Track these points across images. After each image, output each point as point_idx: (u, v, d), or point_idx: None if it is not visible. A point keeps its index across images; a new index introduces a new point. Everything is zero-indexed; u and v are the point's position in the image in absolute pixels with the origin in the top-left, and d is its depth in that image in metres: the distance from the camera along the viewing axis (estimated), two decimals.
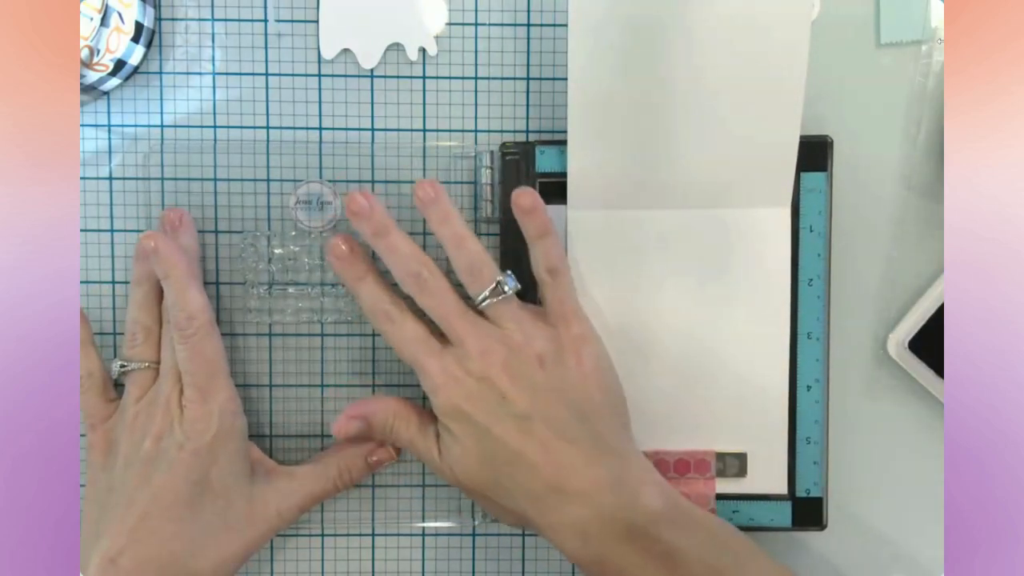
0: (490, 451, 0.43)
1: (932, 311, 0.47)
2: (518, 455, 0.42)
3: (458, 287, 0.45)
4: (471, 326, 0.43)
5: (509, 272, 0.44)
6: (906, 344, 0.48)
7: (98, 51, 0.43)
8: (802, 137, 0.45)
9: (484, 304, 0.44)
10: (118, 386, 0.47)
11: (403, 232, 0.44)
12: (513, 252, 0.47)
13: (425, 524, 0.50)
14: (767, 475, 0.48)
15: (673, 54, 0.44)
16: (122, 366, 0.46)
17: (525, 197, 0.44)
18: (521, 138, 0.48)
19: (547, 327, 0.44)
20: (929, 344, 0.47)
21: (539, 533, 0.44)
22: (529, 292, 0.46)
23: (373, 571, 0.50)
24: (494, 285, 0.43)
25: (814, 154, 0.46)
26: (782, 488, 0.48)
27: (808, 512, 0.48)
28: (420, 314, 0.45)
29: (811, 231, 0.47)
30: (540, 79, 0.48)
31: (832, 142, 0.47)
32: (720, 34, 0.44)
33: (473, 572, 0.50)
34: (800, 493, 0.48)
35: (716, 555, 0.42)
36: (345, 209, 0.45)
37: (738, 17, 0.43)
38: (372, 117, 0.48)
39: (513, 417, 0.42)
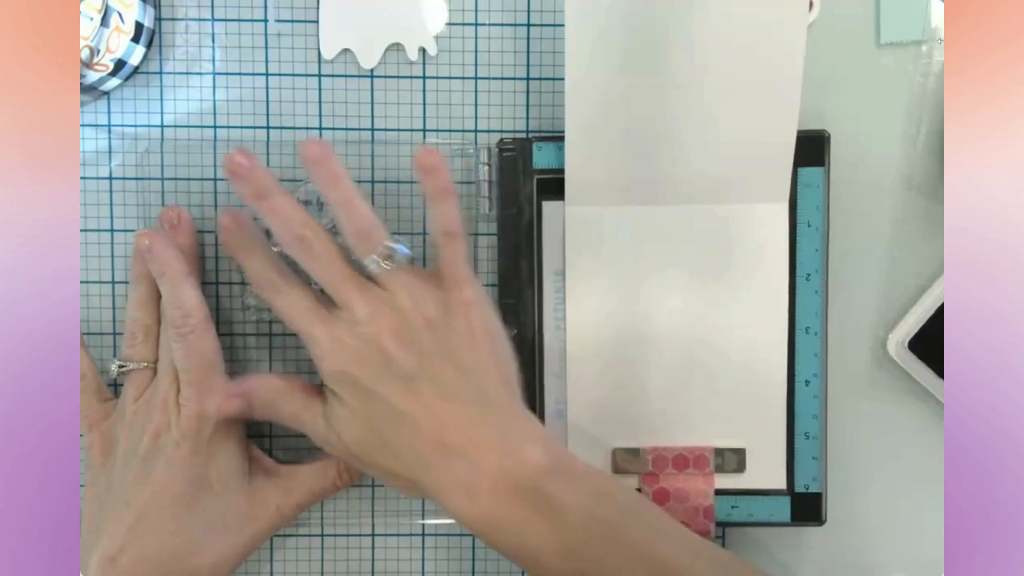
0: (375, 412, 0.42)
1: (932, 311, 0.47)
2: (403, 415, 0.42)
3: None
4: (359, 290, 0.43)
5: (400, 241, 0.44)
6: (906, 344, 0.48)
7: (98, 51, 0.43)
8: (799, 132, 0.45)
9: (374, 269, 0.43)
10: (115, 386, 0.47)
11: (288, 193, 0.44)
12: (512, 250, 0.47)
13: (425, 523, 0.50)
14: (766, 470, 0.48)
15: (670, 50, 0.44)
16: (120, 366, 0.46)
17: (428, 156, 0.43)
18: (520, 137, 0.48)
19: (438, 290, 0.43)
20: (929, 344, 0.47)
21: (428, 496, 0.42)
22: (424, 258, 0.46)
23: (373, 571, 0.50)
24: (384, 250, 0.43)
25: (811, 149, 0.46)
26: (781, 483, 0.48)
27: (807, 507, 0.48)
28: (309, 284, 0.44)
29: (809, 226, 0.47)
30: (540, 79, 0.48)
31: (829, 136, 0.47)
32: (717, 30, 0.44)
33: (473, 572, 0.50)
34: (799, 488, 0.48)
35: (602, 508, 0.41)
36: (222, 168, 0.43)
37: (735, 13, 0.43)
38: (372, 117, 0.48)
39: (399, 379, 0.42)
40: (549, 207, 0.47)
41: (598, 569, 0.40)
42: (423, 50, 0.48)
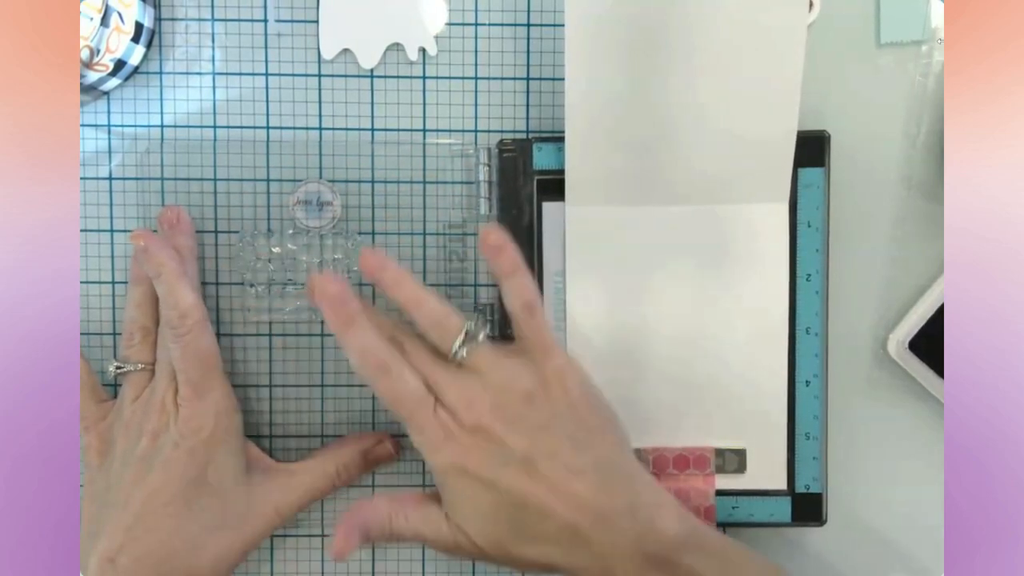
0: (499, 501, 0.41)
1: (932, 311, 0.47)
2: (528, 500, 0.41)
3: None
4: (452, 377, 0.42)
5: (477, 314, 0.43)
6: (906, 344, 0.48)
7: (98, 51, 0.43)
8: (799, 132, 0.45)
9: (459, 355, 0.42)
10: (113, 387, 0.47)
11: (370, 322, 0.42)
12: None
13: None
14: (766, 471, 0.48)
15: (670, 51, 0.44)
16: (119, 367, 0.46)
17: (493, 235, 0.42)
18: (520, 137, 0.48)
19: (527, 363, 0.42)
20: (929, 344, 0.47)
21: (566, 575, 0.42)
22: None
23: (373, 571, 0.50)
24: (463, 334, 0.42)
25: (811, 149, 0.46)
26: (781, 484, 0.48)
27: (807, 508, 0.48)
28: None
29: (809, 226, 0.47)
30: (540, 79, 0.48)
31: (829, 137, 0.47)
32: (717, 30, 0.44)
33: (473, 572, 0.50)
34: (799, 489, 0.48)
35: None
36: (316, 295, 0.42)
37: (734, 13, 0.43)
38: (372, 117, 0.48)
39: (515, 462, 0.41)
40: (549, 208, 0.47)
41: None
42: (423, 50, 0.48)
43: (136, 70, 0.47)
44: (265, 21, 0.48)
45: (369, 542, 0.43)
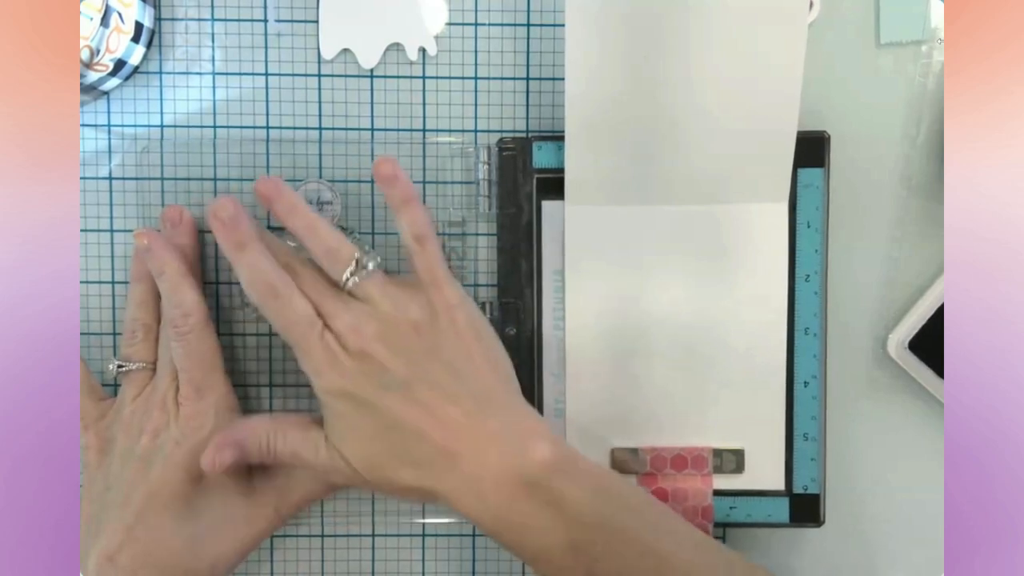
0: (377, 424, 0.42)
1: (932, 311, 0.47)
2: (404, 422, 0.42)
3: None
4: (341, 305, 0.43)
5: (368, 248, 0.44)
6: (906, 344, 0.48)
7: (98, 51, 0.43)
8: (799, 133, 0.45)
9: (349, 283, 0.43)
10: (113, 387, 0.47)
11: (265, 249, 0.43)
12: (512, 249, 0.47)
13: (425, 523, 0.50)
14: (764, 471, 0.48)
15: (670, 50, 0.44)
16: (119, 366, 0.46)
17: (385, 165, 0.43)
18: (520, 136, 0.48)
19: (418, 294, 0.43)
20: (929, 344, 0.47)
21: (440, 502, 0.42)
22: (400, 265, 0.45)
23: (373, 571, 0.50)
24: (354, 263, 0.43)
25: (811, 150, 0.46)
26: (779, 484, 0.48)
27: (805, 508, 0.48)
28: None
29: (808, 227, 0.47)
30: (540, 79, 0.48)
31: (829, 137, 0.47)
32: (717, 30, 0.44)
33: (473, 572, 0.50)
34: (797, 489, 0.48)
35: (607, 504, 0.42)
36: (209, 216, 0.43)
37: (735, 13, 0.43)
38: (372, 117, 0.48)
39: (395, 386, 0.42)
40: (549, 206, 0.47)
41: (604, 565, 0.41)
42: (423, 50, 0.48)
43: (136, 70, 0.47)
44: (265, 21, 0.48)
45: (245, 459, 0.44)
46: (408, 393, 0.42)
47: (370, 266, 0.43)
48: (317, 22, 0.48)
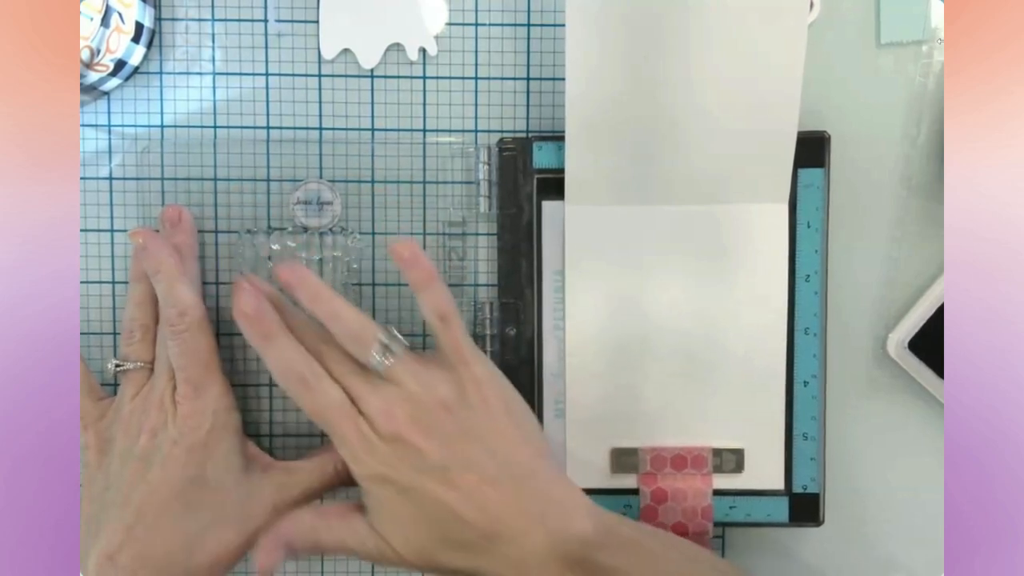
0: (418, 509, 0.42)
1: (932, 311, 0.47)
2: (445, 508, 0.41)
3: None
4: (371, 388, 0.42)
5: (391, 328, 0.43)
6: (906, 344, 0.48)
7: (98, 51, 0.43)
8: (799, 133, 0.45)
9: (377, 367, 0.43)
10: (113, 386, 0.47)
11: (290, 335, 0.43)
12: (512, 249, 0.47)
13: None
14: (764, 471, 0.48)
15: (670, 50, 0.44)
16: (118, 366, 0.46)
17: (403, 248, 0.43)
18: (521, 136, 0.48)
19: (446, 372, 0.43)
20: (929, 344, 0.47)
21: None
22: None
23: (373, 571, 0.50)
24: (379, 345, 0.43)
25: (811, 150, 0.46)
26: (779, 484, 0.48)
27: (805, 508, 0.48)
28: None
29: (808, 227, 0.47)
30: (540, 79, 0.48)
31: (829, 137, 0.47)
32: (717, 30, 0.44)
33: None
34: (797, 489, 0.48)
35: (651, 569, 0.42)
36: (234, 311, 0.43)
37: (735, 13, 0.43)
38: (372, 117, 0.48)
39: (432, 470, 0.42)
40: (549, 206, 0.47)
41: None
42: (423, 50, 0.48)
43: (136, 70, 0.47)
44: (265, 21, 0.48)
45: (295, 555, 0.44)
46: (445, 476, 0.42)
47: (395, 348, 0.43)
48: (317, 22, 0.48)
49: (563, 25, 0.44)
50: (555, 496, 0.43)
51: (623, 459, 0.48)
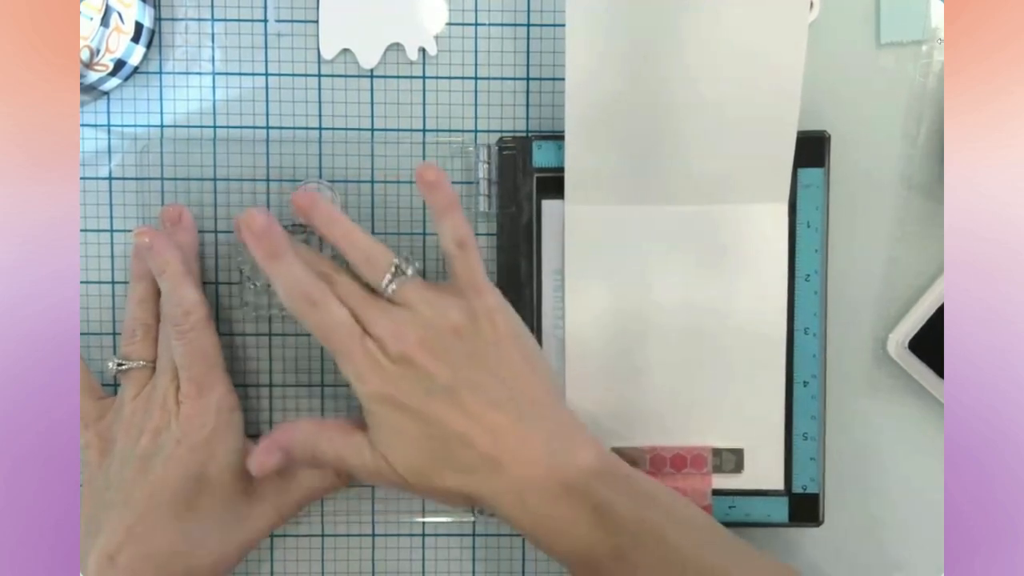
0: (422, 430, 0.42)
1: (932, 311, 0.47)
2: (449, 429, 0.42)
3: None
4: (381, 311, 0.43)
5: (407, 254, 0.44)
6: (906, 344, 0.48)
7: (98, 51, 0.43)
8: (799, 133, 0.45)
9: (389, 290, 0.43)
10: (113, 386, 0.47)
11: (298, 256, 0.43)
12: (512, 249, 0.47)
13: (425, 522, 0.50)
14: (764, 471, 0.48)
15: (670, 50, 0.44)
16: (119, 364, 0.46)
17: (429, 171, 0.43)
18: (520, 135, 0.48)
19: (458, 299, 0.43)
20: (929, 344, 0.47)
21: (484, 506, 0.43)
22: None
23: (373, 571, 0.50)
24: (393, 269, 0.43)
25: (811, 150, 0.46)
26: (778, 484, 0.48)
27: (804, 508, 0.48)
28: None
29: (808, 227, 0.47)
30: (540, 79, 0.48)
31: (829, 137, 0.47)
32: (717, 30, 0.44)
33: (473, 572, 0.50)
34: (796, 489, 0.48)
35: (650, 510, 0.42)
36: (240, 229, 0.43)
37: (735, 13, 0.43)
38: (372, 117, 0.48)
39: (439, 391, 0.42)
40: (548, 206, 0.47)
41: (644, 573, 0.41)
42: (423, 50, 0.48)
43: (136, 70, 0.47)
44: (265, 21, 0.48)
45: (291, 462, 0.43)
46: (452, 399, 0.42)
47: (409, 272, 0.43)
48: (317, 22, 0.48)
49: (563, 25, 0.44)
50: (560, 426, 0.43)
51: (623, 458, 0.47)
